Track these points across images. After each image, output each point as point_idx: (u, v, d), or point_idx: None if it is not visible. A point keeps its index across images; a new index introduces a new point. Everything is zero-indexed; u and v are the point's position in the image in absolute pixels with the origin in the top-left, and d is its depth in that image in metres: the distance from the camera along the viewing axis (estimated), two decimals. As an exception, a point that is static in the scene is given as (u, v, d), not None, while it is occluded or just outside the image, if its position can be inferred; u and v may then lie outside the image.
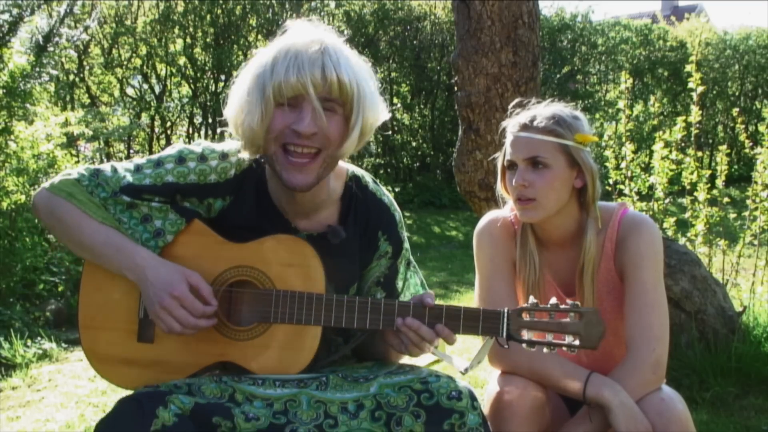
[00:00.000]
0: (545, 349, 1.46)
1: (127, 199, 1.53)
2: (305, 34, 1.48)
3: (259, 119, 1.45)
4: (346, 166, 1.67)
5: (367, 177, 1.70)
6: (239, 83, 1.51)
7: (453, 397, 1.42)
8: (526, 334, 1.46)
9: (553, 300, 1.49)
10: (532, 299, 1.49)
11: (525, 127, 1.74)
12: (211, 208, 1.59)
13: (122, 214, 1.53)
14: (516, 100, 1.87)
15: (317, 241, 1.58)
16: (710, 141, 13.88)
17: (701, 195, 3.94)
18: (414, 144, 13.08)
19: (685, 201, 4.05)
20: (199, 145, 1.61)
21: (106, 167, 1.58)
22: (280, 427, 1.36)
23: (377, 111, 1.53)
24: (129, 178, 1.55)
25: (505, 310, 1.47)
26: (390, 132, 12.71)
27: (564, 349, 1.46)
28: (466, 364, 1.56)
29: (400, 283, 1.72)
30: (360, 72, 1.48)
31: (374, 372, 1.53)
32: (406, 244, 1.73)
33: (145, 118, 11.18)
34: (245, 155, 1.56)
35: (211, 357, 1.50)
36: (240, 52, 11.32)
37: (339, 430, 1.38)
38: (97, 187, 1.54)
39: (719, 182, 4.11)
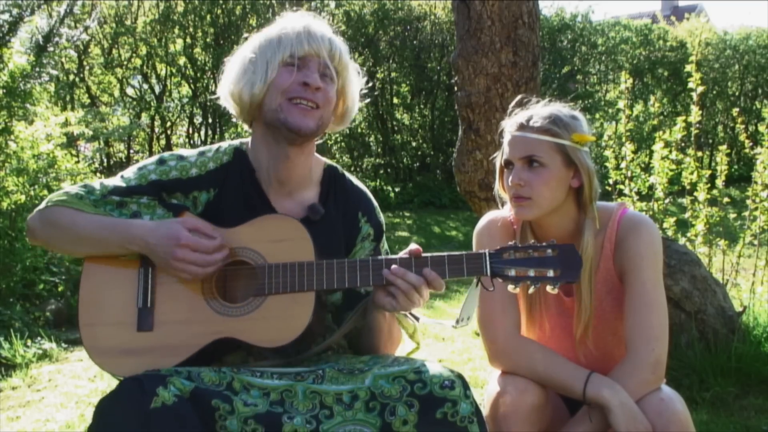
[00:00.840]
0: (531, 288, 1.50)
1: (116, 199, 1.63)
2: (310, 17, 1.67)
3: (263, 79, 1.60)
4: (321, 158, 1.79)
5: (342, 169, 1.83)
6: (236, 60, 1.67)
7: (446, 386, 1.44)
8: (509, 272, 1.50)
9: (531, 241, 1.55)
10: (511, 242, 1.54)
11: (522, 127, 1.75)
12: (197, 201, 1.67)
13: (112, 212, 1.62)
14: (516, 99, 1.87)
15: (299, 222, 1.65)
16: (710, 141, 13.88)
17: (701, 195, 3.94)
18: (414, 144, 13.08)
19: (685, 201, 4.05)
20: (177, 151, 1.74)
21: (95, 182, 1.68)
22: (277, 416, 1.38)
23: (356, 100, 1.76)
24: (116, 183, 1.66)
25: (486, 251, 1.51)
26: (390, 132, 12.73)
27: (548, 288, 1.49)
28: (456, 318, 1.59)
29: None
30: (351, 62, 1.72)
31: (369, 365, 1.54)
32: (384, 228, 1.83)
33: (145, 118, 11.18)
34: (227, 144, 1.70)
35: (210, 335, 1.53)
36: (240, 52, 11.29)
37: (334, 420, 1.41)
38: (88, 193, 1.63)
39: (719, 182, 4.11)
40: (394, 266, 1.51)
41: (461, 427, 1.42)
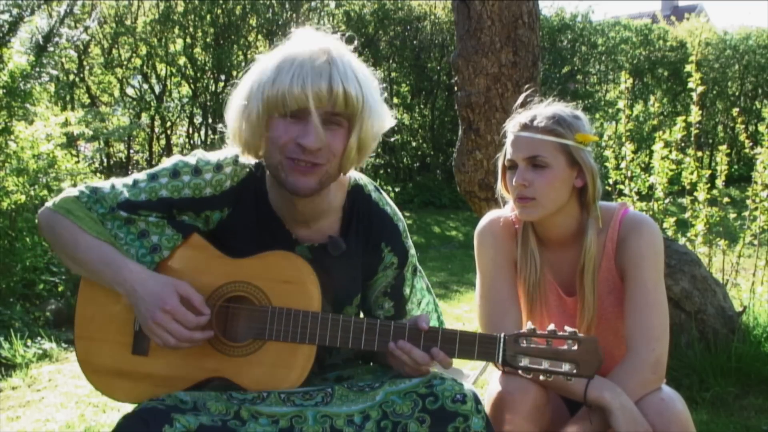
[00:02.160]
0: (541, 377, 1.46)
1: (124, 215, 1.53)
2: (312, 42, 1.42)
3: (259, 131, 1.42)
4: (348, 173, 1.61)
5: (370, 186, 1.67)
6: (240, 89, 1.46)
7: (457, 401, 1.42)
8: (522, 361, 1.45)
9: (551, 327, 1.48)
10: (529, 325, 1.49)
11: (525, 127, 1.75)
12: (209, 220, 1.58)
13: (119, 229, 1.53)
14: (520, 98, 1.87)
15: (317, 252, 1.57)
16: (710, 141, 13.88)
17: (701, 195, 3.94)
18: (414, 144, 13.08)
19: (685, 201, 4.05)
20: (195, 156, 1.59)
21: (105, 184, 1.58)
22: None
23: (381, 120, 1.49)
24: (126, 194, 1.55)
25: (502, 336, 1.46)
26: (390, 132, 12.71)
27: (561, 378, 1.46)
28: (471, 380, 1.57)
29: (407, 290, 1.71)
30: (365, 82, 1.44)
31: (379, 379, 1.52)
32: (412, 251, 1.71)
33: (145, 118, 11.18)
34: (244, 160, 1.53)
35: (205, 372, 1.49)
36: (240, 52, 11.31)
37: None
38: (96, 203, 1.54)
39: (719, 182, 4.11)
40: (400, 341, 1.46)
41: None
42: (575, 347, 1.44)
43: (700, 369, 3.02)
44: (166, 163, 1.60)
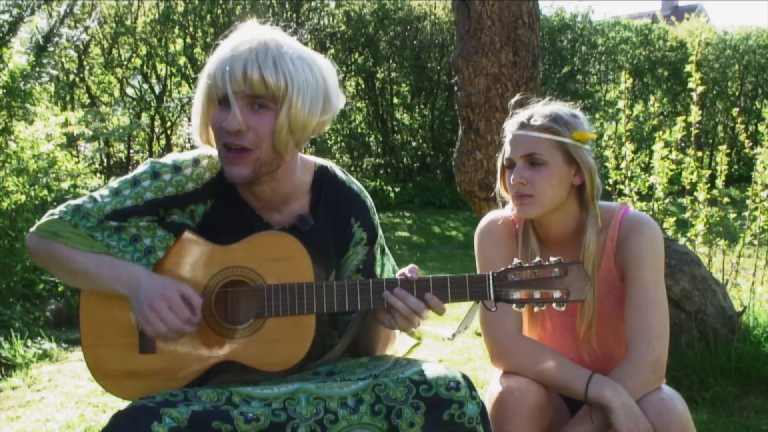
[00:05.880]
0: (536, 308, 1.48)
1: (114, 224, 1.55)
2: (245, 34, 1.51)
3: (204, 120, 1.54)
4: (312, 159, 1.70)
5: (336, 168, 1.72)
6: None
7: (451, 388, 1.43)
8: (514, 294, 1.47)
9: (537, 259, 1.50)
10: (516, 260, 1.50)
11: (523, 126, 1.75)
12: (194, 214, 1.61)
13: (110, 238, 1.55)
14: (517, 98, 1.87)
15: (288, 232, 1.60)
16: (710, 141, 13.88)
17: (701, 195, 3.94)
18: (414, 144, 13.08)
19: (685, 201, 4.05)
20: (168, 157, 1.64)
21: (86, 200, 1.59)
22: (280, 425, 1.36)
23: (319, 102, 1.51)
24: (110, 204, 1.57)
25: (490, 273, 1.48)
26: (390, 132, 12.73)
27: (554, 305, 1.47)
28: (453, 330, 1.58)
29: (378, 270, 1.75)
30: (298, 68, 1.47)
31: (371, 371, 1.53)
32: (380, 231, 1.76)
33: (145, 118, 11.19)
34: (212, 152, 1.60)
35: (213, 359, 1.52)
36: (240, 52, 11.28)
37: (339, 425, 1.39)
38: (82, 219, 1.55)
39: (719, 182, 4.11)
40: (396, 288, 1.49)
41: (469, 428, 1.41)
42: (563, 274, 1.46)
43: (700, 369, 3.02)
44: (142, 167, 1.63)
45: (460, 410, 1.41)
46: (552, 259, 1.48)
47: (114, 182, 1.63)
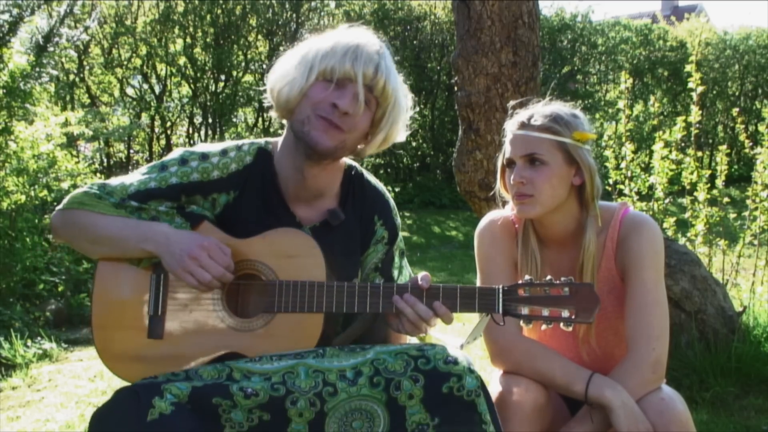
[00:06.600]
0: (543, 326, 1.48)
1: (134, 204, 1.59)
2: (369, 36, 1.62)
3: (299, 89, 1.57)
4: (343, 158, 1.75)
5: (361, 168, 1.79)
6: (288, 57, 1.63)
7: (450, 362, 1.44)
8: (522, 310, 1.48)
9: (548, 277, 1.51)
10: (527, 276, 1.51)
11: (523, 125, 1.76)
12: (215, 203, 1.64)
13: (131, 216, 1.59)
14: (517, 101, 1.88)
15: (319, 231, 1.64)
16: (710, 141, 13.89)
17: (701, 195, 3.94)
18: (414, 144, 13.08)
19: (685, 201, 4.05)
20: (199, 147, 1.69)
21: (113, 180, 1.65)
22: (279, 399, 1.38)
23: (401, 130, 1.69)
24: (135, 185, 1.62)
25: (500, 287, 1.49)
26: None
27: (561, 325, 1.47)
28: (461, 341, 1.59)
29: (395, 272, 1.77)
30: (401, 90, 1.64)
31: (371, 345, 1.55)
32: (400, 234, 1.80)
33: (145, 118, 11.19)
34: (248, 145, 1.67)
35: (218, 348, 1.54)
36: (240, 52, 11.33)
37: (338, 397, 1.40)
38: (107, 194, 1.60)
39: (719, 182, 4.11)
40: (405, 294, 1.50)
41: (468, 401, 1.42)
42: (572, 294, 1.47)
43: (700, 369, 3.02)
44: (173, 154, 1.68)
45: (459, 383, 1.43)
46: (563, 278, 1.49)
47: (143, 167, 1.68)
